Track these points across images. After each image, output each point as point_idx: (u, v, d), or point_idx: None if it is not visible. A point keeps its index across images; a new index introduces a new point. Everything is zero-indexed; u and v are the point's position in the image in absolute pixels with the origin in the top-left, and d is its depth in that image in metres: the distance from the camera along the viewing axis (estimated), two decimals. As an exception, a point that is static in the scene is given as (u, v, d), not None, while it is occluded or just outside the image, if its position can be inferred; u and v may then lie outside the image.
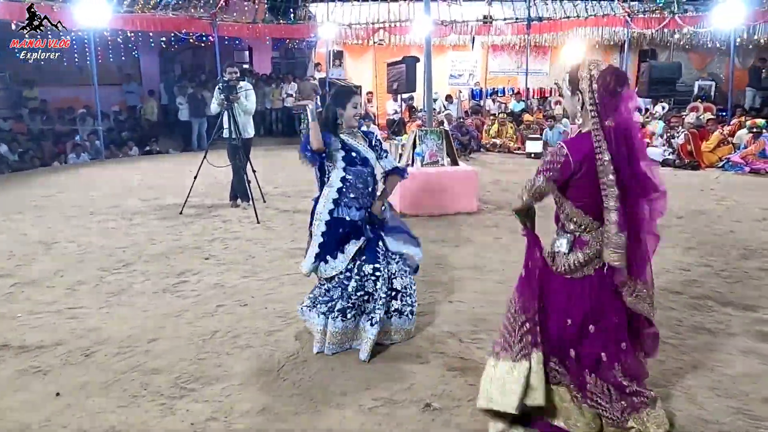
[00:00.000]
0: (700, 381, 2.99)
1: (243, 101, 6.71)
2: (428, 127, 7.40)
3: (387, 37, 15.64)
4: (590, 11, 15.19)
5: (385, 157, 3.47)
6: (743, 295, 4.21)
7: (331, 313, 3.28)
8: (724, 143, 10.45)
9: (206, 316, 3.89)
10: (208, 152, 6.80)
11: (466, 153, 11.39)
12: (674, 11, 13.57)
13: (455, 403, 2.81)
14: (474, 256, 5.19)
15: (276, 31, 15.00)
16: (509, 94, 16.42)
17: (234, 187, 7.16)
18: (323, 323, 3.30)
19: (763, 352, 3.31)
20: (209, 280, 4.61)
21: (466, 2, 15.65)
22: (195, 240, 5.77)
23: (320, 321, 3.31)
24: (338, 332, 3.28)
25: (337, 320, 3.26)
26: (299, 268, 3.50)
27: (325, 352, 3.30)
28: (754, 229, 6.07)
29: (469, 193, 6.89)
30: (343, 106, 3.33)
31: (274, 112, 15.63)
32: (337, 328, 3.27)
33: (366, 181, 3.37)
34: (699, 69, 16.89)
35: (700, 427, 2.60)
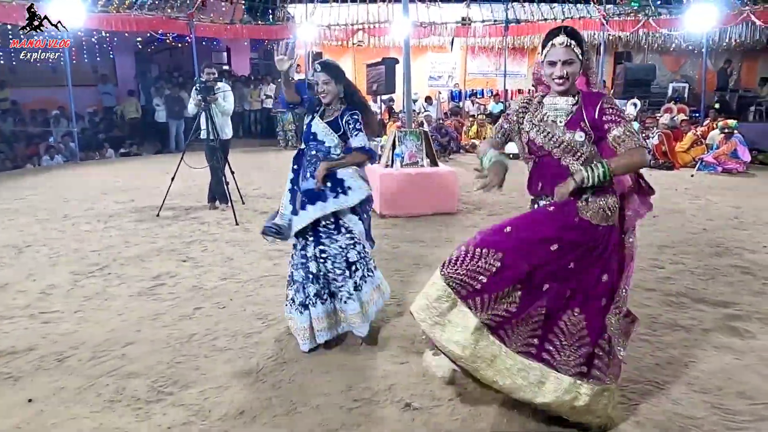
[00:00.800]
0: (676, 377, 3.04)
1: (221, 102, 6.66)
2: (408, 128, 7.41)
3: (366, 38, 15.66)
4: (567, 14, 15.38)
5: (354, 136, 3.32)
6: (716, 291, 4.29)
7: (309, 301, 3.29)
8: (698, 144, 10.67)
9: (183, 319, 3.84)
10: (185, 153, 6.73)
11: (446, 154, 11.45)
12: (648, 14, 13.80)
13: (435, 402, 2.81)
14: (453, 256, 5.20)
15: (254, 31, 14.91)
16: (488, 95, 16.54)
17: (212, 189, 7.09)
18: (307, 319, 3.29)
19: (735, 348, 3.37)
20: (187, 282, 4.56)
21: (445, 4, 15.73)
22: (172, 242, 5.70)
23: (303, 318, 3.30)
24: (322, 316, 3.28)
25: (316, 305, 3.27)
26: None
27: (318, 341, 3.29)
28: (726, 228, 6.20)
29: (448, 194, 6.92)
30: None
31: (253, 113, 15.54)
32: (319, 313, 3.27)
33: (313, 156, 3.34)
34: (672, 71, 17.23)
35: (676, 423, 2.64)
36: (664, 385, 2.95)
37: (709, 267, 4.86)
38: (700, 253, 5.25)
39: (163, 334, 3.61)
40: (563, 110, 2.40)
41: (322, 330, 3.30)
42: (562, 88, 2.38)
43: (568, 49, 2.33)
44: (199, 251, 5.42)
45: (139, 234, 6.02)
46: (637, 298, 4.09)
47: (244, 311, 3.97)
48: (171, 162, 7.86)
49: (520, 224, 2.42)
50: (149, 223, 6.48)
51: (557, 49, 2.34)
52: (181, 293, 4.32)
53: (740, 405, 2.78)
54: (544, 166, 2.44)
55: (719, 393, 2.88)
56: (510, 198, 7.64)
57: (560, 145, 2.37)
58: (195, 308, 4.02)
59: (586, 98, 2.40)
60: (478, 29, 15.88)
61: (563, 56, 2.33)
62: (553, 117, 2.41)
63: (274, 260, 5.08)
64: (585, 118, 2.36)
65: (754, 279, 4.57)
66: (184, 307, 4.05)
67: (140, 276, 4.71)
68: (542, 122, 2.43)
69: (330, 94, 3.31)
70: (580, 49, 2.35)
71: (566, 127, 2.38)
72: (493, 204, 7.31)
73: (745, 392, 2.89)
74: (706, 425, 2.62)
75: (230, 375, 3.09)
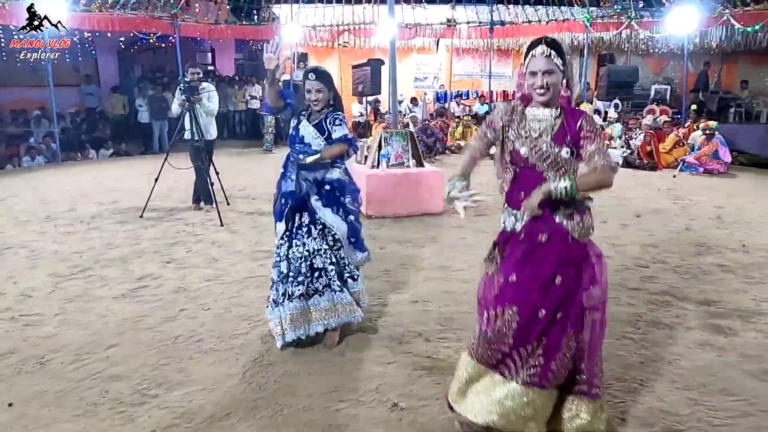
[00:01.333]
0: (660, 374, 3.07)
1: (205, 102, 6.61)
2: (393, 129, 7.42)
3: (352, 39, 15.63)
4: (551, 16, 15.50)
5: (335, 130, 3.35)
6: (699, 289, 4.35)
7: (279, 300, 3.31)
8: (680, 145, 10.81)
9: (168, 321, 3.80)
10: (169, 154, 6.66)
11: (432, 155, 11.47)
12: (631, 17, 13.95)
13: (422, 402, 2.81)
14: (440, 256, 5.21)
15: (239, 32, 14.82)
16: (473, 97, 16.61)
17: (196, 190, 7.03)
18: (278, 316, 3.30)
19: (718, 345, 3.42)
20: (171, 284, 4.51)
21: (430, 5, 15.77)
22: (155, 244, 5.64)
23: (275, 315, 3.32)
24: (288, 315, 3.27)
25: (285, 304, 3.28)
26: None
27: (286, 339, 3.28)
28: (708, 227, 6.28)
29: (434, 195, 6.92)
30: None
31: (238, 114, 15.45)
32: (288, 311, 3.27)
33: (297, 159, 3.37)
34: (655, 73, 17.44)
35: (660, 419, 2.66)
36: (648, 382, 2.97)
37: (692, 266, 4.92)
38: (683, 252, 5.32)
39: (147, 336, 3.57)
40: (547, 123, 2.39)
41: (290, 329, 3.28)
42: (543, 99, 2.37)
43: (548, 59, 2.33)
44: (183, 252, 5.37)
45: (121, 236, 5.95)
46: (622, 297, 4.13)
47: (229, 313, 3.93)
48: (155, 163, 7.78)
49: (524, 269, 2.39)
50: (132, 224, 6.40)
51: (538, 60, 2.35)
52: (165, 295, 4.27)
53: (723, 401, 2.81)
54: (525, 178, 2.42)
55: (702, 390, 2.92)
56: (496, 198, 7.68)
57: (547, 159, 2.36)
58: (179, 310, 3.98)
59: (568, 114, 2.41)
60: (463, 31, 15.94)
61: (544, 66, 2.33)
62: (538, 130, 2.40)
63: (259, 261, 5.05)
64: (568, 133, 2.36)
65: (735, 277, 4.64)
66: (168, 309, 4.01)
67: (123, 278, 4.65)
68: (527, 135, 2.41)
69: (322, 102, 3.35)
70: (561, 60, 2.35)
71: (553, 141, 2.37)
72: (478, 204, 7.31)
73: (727, 389, 2.92)
74: (690, 421, 2.65)
75: (215, 377, 3.06)
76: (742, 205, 7.44)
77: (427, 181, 6.96)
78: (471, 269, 4.75)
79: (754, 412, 2.73)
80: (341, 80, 15.95)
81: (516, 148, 2.43)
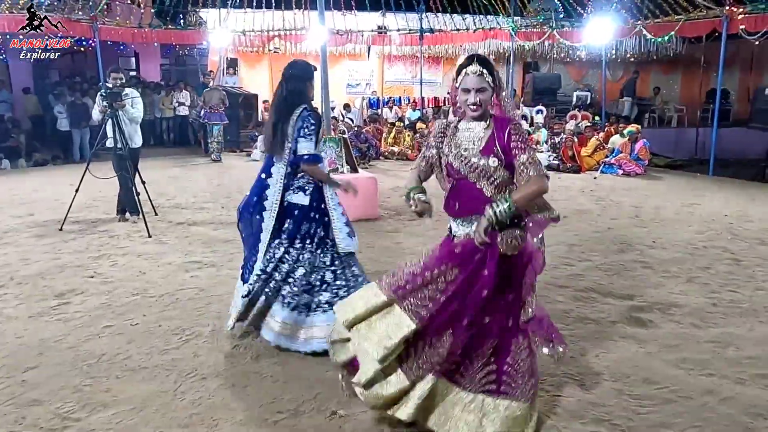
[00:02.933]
0: (588, 367, 3.21)
1: (129, 109, 6.34)
2: (327, 135, 7.38)
3: (283, 45, 15.45)
4: (478, 24, 15.95)
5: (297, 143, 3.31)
6: (621, 285, 4.58)
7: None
8: (600, 148, 11.38)
9: (92, 339, 3.60)
10: (91, 163, 6.34)
11: (365, 161, 11.51)
12: (553, 27, 14.58)
13: (361, 408, 2.79)
14: (375, 261, 5.23)
15: (164, 36, 14.31)
16: (405, 103, 16.82)
17: (121, 200, 6.72)
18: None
19: (640, 337, 3.61)
20: (95, 300, 4.28)
21: (361, 12, 15.85)
22: (78, 258, 5.34)
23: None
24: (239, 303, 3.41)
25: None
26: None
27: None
28: (628, 226, 6.64)
29: (369, 200, 6.94)
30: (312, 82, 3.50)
31: (165, 121, 14.93)
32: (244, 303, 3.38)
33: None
34: (576, 80, 18.31)
35: (590, 411, 2.78)
36: (577, 376, 3.10)
37: (615, 263, 5.19)
38: (606, 250, 5.59)
39: (69, 356, 3.36)
40: (477, 135, 2.48)
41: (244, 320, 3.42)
42: (476, 114, 2.46)
43: (480, 77, 2.42)
44: (109, 266, 5.11)
45: (39, 250, 5.59)
46: (551, 295, 4.29)
47: (159, 327, 3.78)
48: (75, 173, 7.39)
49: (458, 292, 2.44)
50: (51, 238, 6.03)
51: (470, 78, 2.43)
52: (89, 311, 4.05)
53: (646, 390, 2.97)
54: (460, 189, 2.52)
55: (627, 380, 3.07)
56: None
57: (475, 170, 2.45)
58: (104, 327, 3.78)
59: (497, 122, 2.49)
60: (394, 38, 16.12)
61: (476, 84, 2.42)
62: (468, 142, 2.49)
63: (191, 272, 4.89)
64: (497, 143, 2.45)
65: (654, 272, 4.93)
66: (92, 326, 3.80)
67: (41, 295, 4.37)
68: (458, 147, 2.50)
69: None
70: (491, 77, 2.44)
71: (481, 153, 2.46)
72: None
73: (650, 378, 3.09)
74: (616, 411, 2.78)
75: (145, 395, 2.93)
76: (658, 204, 7.92)
77: (362, 187, 6.94)
78: (407, 273, 4.79)
79: (674, 398, 2.90)
80: (272, 86, 15.76)
81: (450, 162, 2.53)
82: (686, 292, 4.45)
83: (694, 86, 16.62)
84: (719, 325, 3.81)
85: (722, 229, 6.48)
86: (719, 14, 10.90)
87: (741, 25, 10.44)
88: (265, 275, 3.34)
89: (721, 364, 3.26)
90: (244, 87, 15.44)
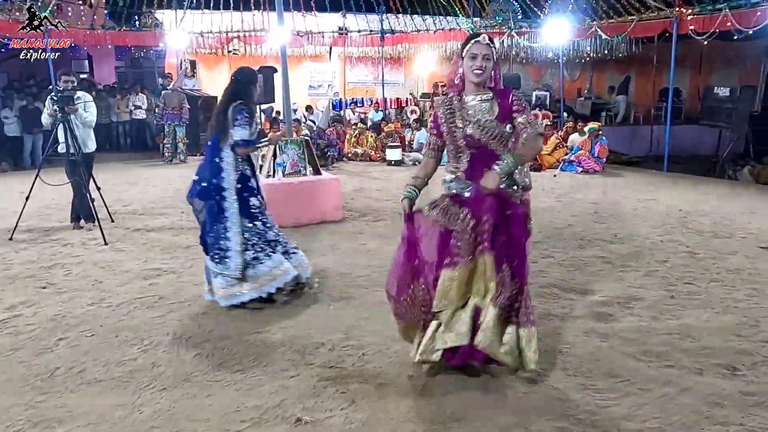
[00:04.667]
0: (553, 363, 3.24)
1: (82, 113, 6.13)
2: (288, 137, 7.30)
3: (242, 46, 15.23)
4: (438, 25, 16.05)
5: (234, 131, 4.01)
6: (582, 281, 4.66)
7: None
8: (560, 147, 11.60)
9: (44, 352, 3.45)
10: (41, 169, 6.10)
11: (329, 162, 11.44)
12: (511, 27, 14.79)
13: (327, 414, 2.76)
14: (340, 263, 5.19)
15: (118, 38, 13.90)
16: (368, 104, 16.81)
17: (75, 207, 6.49)
18: None
19: (601, 332, 3.67)
20: (48, 311, 4.11)
21: (321, 14, 15.76)
22: (29, 268, 5.12)
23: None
24: None
25: None
26: None
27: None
28: (588, 222, 6.77)
29: (333, 202, 6.90)
30: (255, 85, 4.15)
31: (121, 124, 14.52)
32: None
33: None
34: (535, 80, 18.62)
35: (555, 407, 2.80)
36: (542, 372, 3.12)
37: (576, 258, 5.27)
38: (567, 247, 5.68)
39: (20, 371, 3.21)
40: (485, 105, 2.83)
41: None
42: (478, 79, 2.81)
43: (488, 46, 2.80)
44: (62, 276, 4.92)
45: (-13, 261, 5.35)
46: (515, 293, 4.31)
47: (116, 338, 3.65)
48: (26, 180, 7.10)
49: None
50: (0, 248, 5.78)
51: (480, 45, 2.79)
52: (42, 324, 3.88)
53: (608, 383, 3.02)
54: (481, 157, 2.83)
55: (590, 375, 3.11)
56: (394, 204, 7.79)
57: (497, 137, 2.81)
58: (58, 339, 3.63)
59: (499, 94, 2.85)
60: (355, 39, 16.08)
61: (483, 50, 2.79)
62: (480, 113, 2.83)
63: (150, 280, 4.75)
64: (504, 110, 2.81)
65: (613, 267, 5.03)
66: (44, 338, 3.64)
67: (-10, 308, 4.17)
68: (473, 118, 2.83)
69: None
70: (493, 51, 2.81)
71: (498, 120, 2.80)
72: (378, 210, 7.41)
73: (611, 371, 3.14)
74: (581, 406, 2.81)
75: (101, 410, 2.82)
76: (615, 200, 8.11)
77: (325, 189, 6.92)
78: (372, 275, 4.77)
79: (635, 390, 2.95)
80: (233, 88, 15.48)
81: (469, 134, 2.83)
82: (645, 285, 4.55)
83: (647, 85, 17.11)
84: (677, 317, 3.91)
85: (677, 223, 6.67)
86: (669, 15, 11.24)
87: (690, 25, 10.79)
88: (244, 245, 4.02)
89: (680, 355, 3.34)
90: (204, 89, 15.16)
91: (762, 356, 3.32)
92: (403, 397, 2.91)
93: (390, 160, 11.98)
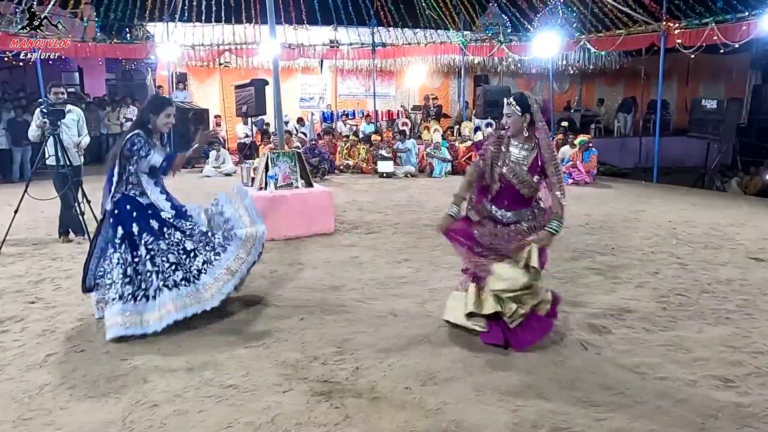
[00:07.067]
0: (547, 376, 3.23)
1: (77, 139, 6.16)
2: (280, 150, 7.30)
3: (233, 59, 15.27)
4: (429, 39, 16.18)
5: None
6: (575, 292, 4.66)
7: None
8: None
9: (33, 369, 3.39)
10: (30, 183, 6.05)
11: (320, 175, 11.44)
12: (501, 41, 14.94)
13: (321, 429, 2.73)
14: (332, 276, 5.16)
15: (109, 50, 13.89)
16: (360, 116, 16.87)
17: (64, 221, 6.43)
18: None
19: (596, 343, 3.67)
20: (36, 326, 4.05)
21: (313, 27, 15.84)
22: (17, 283, 5.06)
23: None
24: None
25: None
26: None
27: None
28: (579, 234, 6.80)
29: (324, 214, 6.88)
30: (157, 114, 3.96)
31: (112, 137, 14.45)
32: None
33: None
34: (525, 93, 18.78)
35: (549, 420, 2.79)
36: (537, 385, 3.11)
37: (568, 270, 5.28)
38: (559, 258, 5.69)
39: (7, 388, 3.16)
40: (525, 154, 3.51)
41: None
42: (509, 133, 3.56)
43: (508, 105, 3.53)
44: (51, 290, 4.86)
45: (-25, 276, 5.27)
46: (508, 305, 4.31)
47: (106, 353, 3.60)
48: (14, 193, 7.03)
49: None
50: (-12, 262, 5.71)
51: (506, 106, 3.56)
52: (30, 339, 3.83)
53: (602, 396, 3.01)
54: (508, 190, 3.56)
55: (584, 387, 3.10)
56: (385, 216, 7.80)
57: (524, 183, 3.51)
58: (47, 355, 3.58)
59: (539, 143, 3.50)
60: (346, 52, 16.17)
61: (508, 111, 3.53)
62: (518, 160, 3.51)
63: (141, 294, 4.69)
64: (539, 162, 3.46)
65: (605, 279, 5.04)
66: (33, 354, 3.59)
67: (-23, 324, 4.11)
68: (510, 163, 3.51)
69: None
70: (519, 108, 3.46)
71: (529, 170, 3.50)
72: (370, 222, 7.40)
73: (605, 384, 3.14)
74: (576, 419, 2.80)
75: (91, 427, 2.77)
76: (606, 212, 8.16)
77: (317, 201, 6.90)
78: (364, 288, 4.75)
79: (629, 402, 2.95)
80: (224, 101, 15.52)
81: (503, 173, 3.53)
82: (637, 297, 4.56)
83: (636, 97, 17.33)
84: (669, 329, 3.92)
85: (668, 234, 6.72)
86: (657, 29, 11.42)
87: (678, 39, 10.97)
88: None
89: (673, 366, 3.34)
90: (195, 102, 15.15)
91: (755, 367, 3.33)
92: (398, 410, 2.88)
93: (381, 172, 12.00)
